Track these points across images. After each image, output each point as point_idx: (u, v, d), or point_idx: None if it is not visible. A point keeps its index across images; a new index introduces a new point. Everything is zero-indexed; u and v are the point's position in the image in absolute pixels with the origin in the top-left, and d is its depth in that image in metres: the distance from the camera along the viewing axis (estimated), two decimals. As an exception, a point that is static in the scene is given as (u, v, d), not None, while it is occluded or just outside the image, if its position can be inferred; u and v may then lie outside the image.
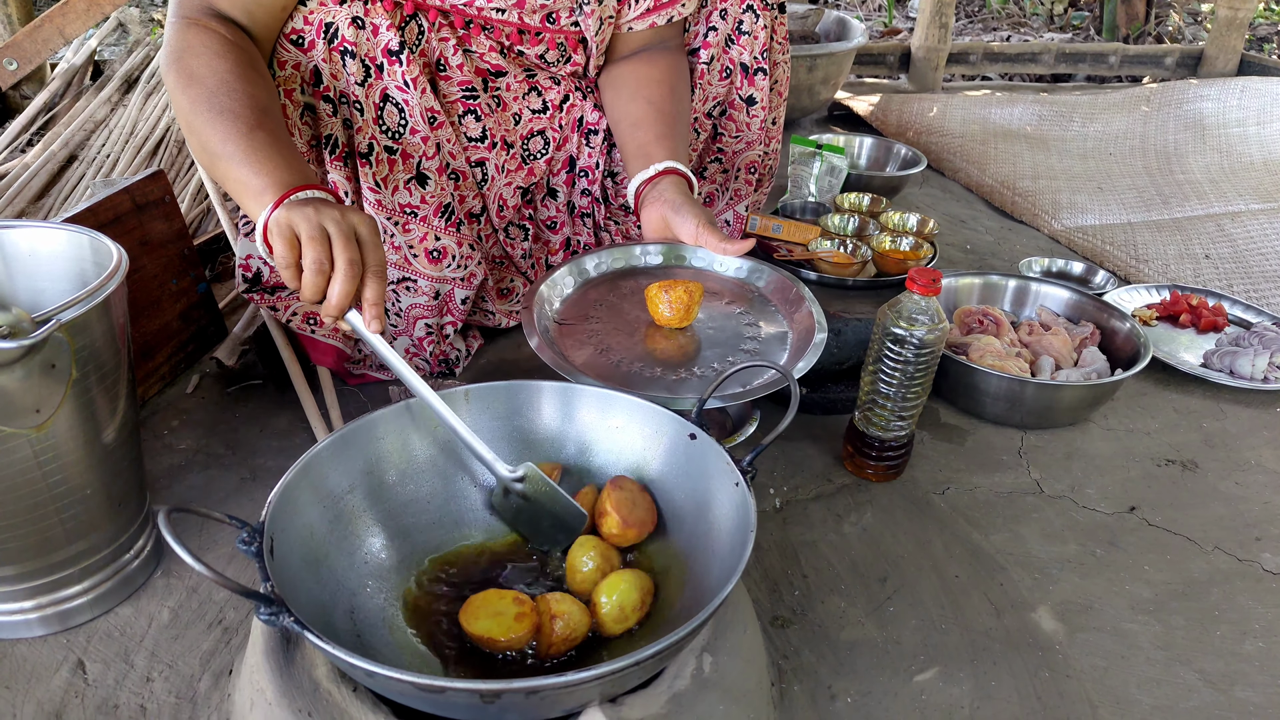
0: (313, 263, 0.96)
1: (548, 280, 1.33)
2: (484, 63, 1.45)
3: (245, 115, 1.10)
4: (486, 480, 1.04)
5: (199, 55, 1.14)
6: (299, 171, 1.08)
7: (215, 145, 1.09)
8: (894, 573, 1.19)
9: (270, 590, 0.76)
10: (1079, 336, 1.60)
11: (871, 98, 3.25)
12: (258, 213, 1.04)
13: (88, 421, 0.96)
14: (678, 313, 1.26)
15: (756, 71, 1.62)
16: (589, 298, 1.35)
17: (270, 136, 1.10)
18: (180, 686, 1.00)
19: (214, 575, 0.70)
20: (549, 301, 1.31)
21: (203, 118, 1.10)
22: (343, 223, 0.98)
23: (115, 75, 2.32)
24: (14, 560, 0.98)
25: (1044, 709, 1.01)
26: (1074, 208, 2.40)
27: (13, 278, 1.07)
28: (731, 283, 1.39)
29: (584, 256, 1.40)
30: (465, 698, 0.72)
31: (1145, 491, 1.37)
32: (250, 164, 1.06)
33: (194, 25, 1.17)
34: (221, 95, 1.11)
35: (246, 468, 1.33)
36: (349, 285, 0.96)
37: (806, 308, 1.29)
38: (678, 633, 0.75)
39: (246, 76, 1.15)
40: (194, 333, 1.52)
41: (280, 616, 0.74)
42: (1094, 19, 5.01)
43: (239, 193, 1.08)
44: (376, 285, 0.98)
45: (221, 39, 1.17)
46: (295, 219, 0.98)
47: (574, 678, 0.71)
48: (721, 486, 0.95)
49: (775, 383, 1.15)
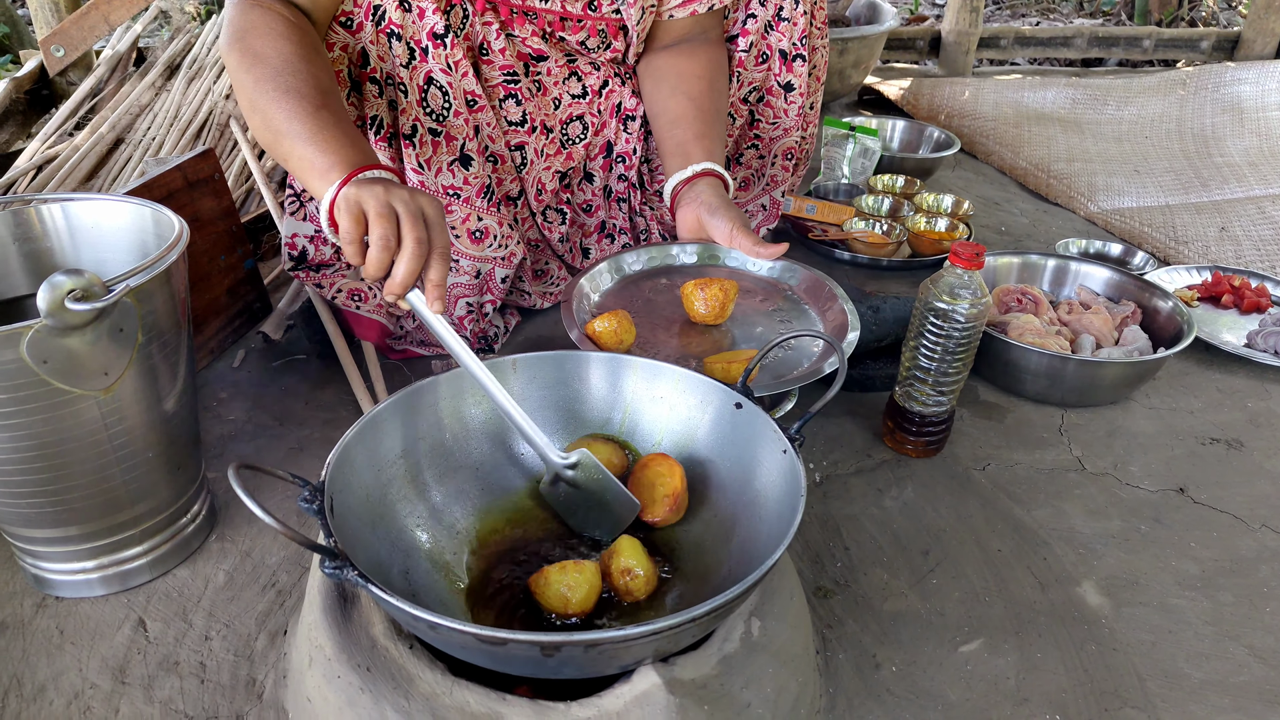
0: (379, 239, 0.96)
1: (587, 274, 1.35)
2: (526, 47, 1.46)
3: (310, 95, 1.11)
4: (534, 450, 1.06)
5: (263, 35, 1.15)
6: (365, 152, 1.09)
7: (280, 123, 1.09)
8: (936, 546, 1.20)
9: (334, 545, 0.78)
10: (1119, 315, 1.60)
11: (901, 82, 3.25)
12: (323, 190, 1.05)
13: (150, 387, 0.98)
14: (713, 310, 1.28)
15: (795, 58, 1.63)
16: (626, 293, 1.37)
17: (335, 116, 1.11)
18: (237, 645, 1.02)
19: (282, 527, 0.72)
20: (588, 295, 1.34)
21: (267, 96, 1.11)
22: (411, 203, 0.99)
23: (158, 61, 2.35)
24: (79, 520, 1.01)
25: (1091, 681, 1.02)
26: (1110, 190, 2.39)
27: (77, 248, 1.10)
28: (765, 282, 1.42)
29: (622, 254, 1.42)
30: (525, 650, 0.74)
31: (1190, 469, 1.36)
32: (316, 142, 1.07)
33: (257, 6, 1.19)
34: (286, 75, 1.12)
35: (294, 438, 1.36)
36: (414, 264, 0.96)
37: (839, 306, 1.31)
38: (732, 591, 0.76)
39: (309, 58, 1.16)
40: (241, 308, 1.55)
41: (344, 570, 0.76)
42: (1125, 4, 4.96)
43: (303, 170, 1.08)
44: (440, 266, 0.98)
45: (285, 20, 1.18)
46: (364, 196, 0.99)
47: (632, 631, 0.72)
48: (768, 454, 0.96)
49: (813, 373, 1.18)
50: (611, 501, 0.99)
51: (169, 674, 0.99)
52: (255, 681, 0.98)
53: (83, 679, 0.98)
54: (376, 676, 0.83)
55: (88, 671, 0.99)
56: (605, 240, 1.73)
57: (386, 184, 1.01)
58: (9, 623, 1.05)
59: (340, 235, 1.00)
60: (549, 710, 0.80)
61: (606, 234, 1.73)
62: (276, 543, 1.16)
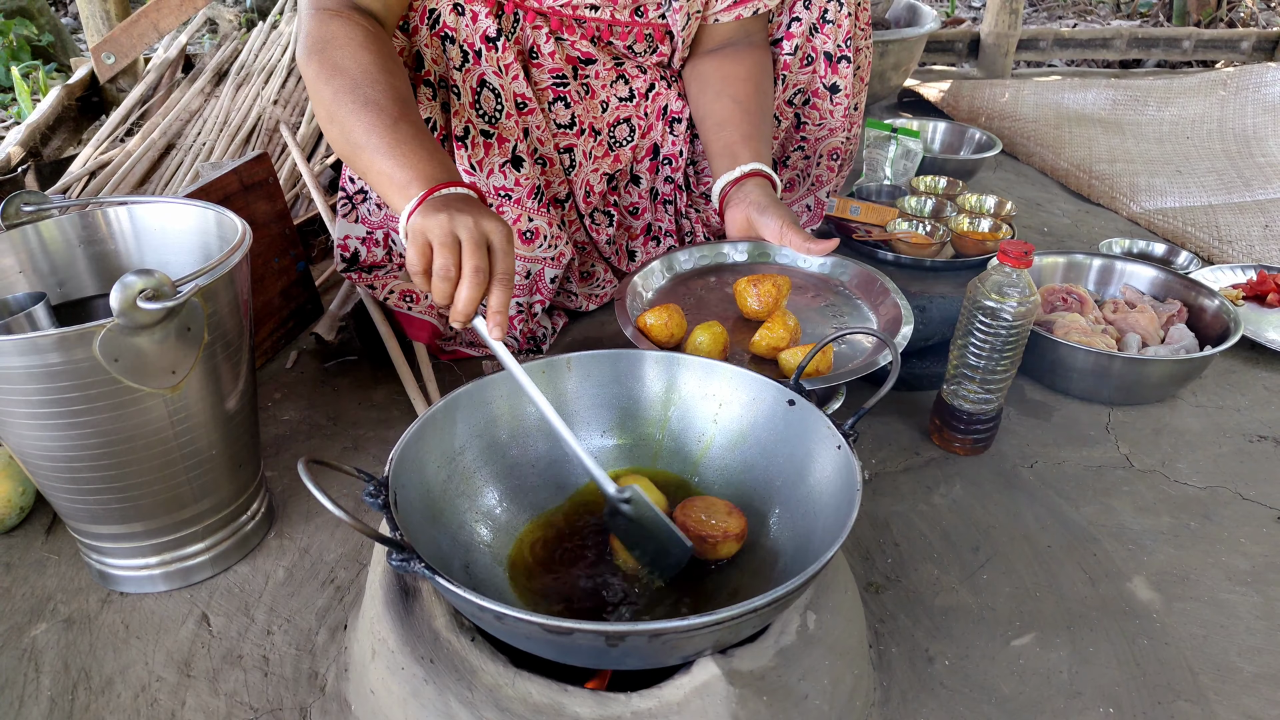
0: (440, 269, 0.96)
1: (641, 272, 1.37)
2: (575, 50, 1.48)
3: (389, 107, 1.10)
4: (589, 447, 1.07)
5: (343, 46, 1.15)
6: (442, 165, 1.08)
7: (359, 136, 1.09)
8: (985, 542, 1.20)
9: (400, 538, 0.80)
10: (1165, 314, 1.60)
11: (941, 84, 3.24)
12: (401, 206, 1.05)
13: (214, 386, 1.01)
14: (766, 305, 1.29)
15: (840, 59, 1.63)
16: (678, 291, 1.38)
17: (413, 129, 1.10)
18: (299, 639, 1.05)
19: (354, 521, 0.74)
20: (641, 293, 1.35)
21: (346, 108, 1.11)
22: (475, 230, 0.98)
23: (207, 67, 2.40)
24: (145, 516, 1.04)
25: (1143, 675, 1.02)
26: (1152, 190, 2.37)
27: (142, 250, 1.13)
28: (815, 278, 1.43)
29: (675, 252, 1.44)
30: (590, 639, 0.75)
31: (1238, 467, 1.36)
32: (395, 157, 1.07)
33: (336, 16, 1.18)
34: (366, 86, 1.12)
35: (348, 437, 1.38)
36: (473, 292, 0.95)
37: (892, 300, 1.31)
38: (792, 583, 0.77)
39: (388, 68, 1.16)
40: (293, 310, 1.57)
41: (411, 562, 0.78)
42: (1163, 5, 4.92)
43: (383, 185, 1.08)
44: (501, 293, 0.97)
45: (364, 30, 1.18)
46: (429, 225, 0.98)
47: (695, 621, 0.73)
48: (822, 450, 0.97)
49: (864, 368, 1.18)
50: (665, 541, 0.95)
51: (233, 667, 1.01)
52: (317, 675, 1.00)
53: (149, 672, 1.00)
54: (440, 668, 0.85)
55: (154, 665, 1.01)
56: (651, 243, 1.75)
57: (456, 207, 1.00)
58: (76, 618, 1.07)
59: (407, 265, 1.00)
60: (610, 701, 0.81)
61: (652, 236, 1.75)
62: (334, 539, 1.19)
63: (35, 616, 1.08)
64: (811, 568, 0.78)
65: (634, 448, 1.10)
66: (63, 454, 0.96)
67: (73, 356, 0.88)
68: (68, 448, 0.95)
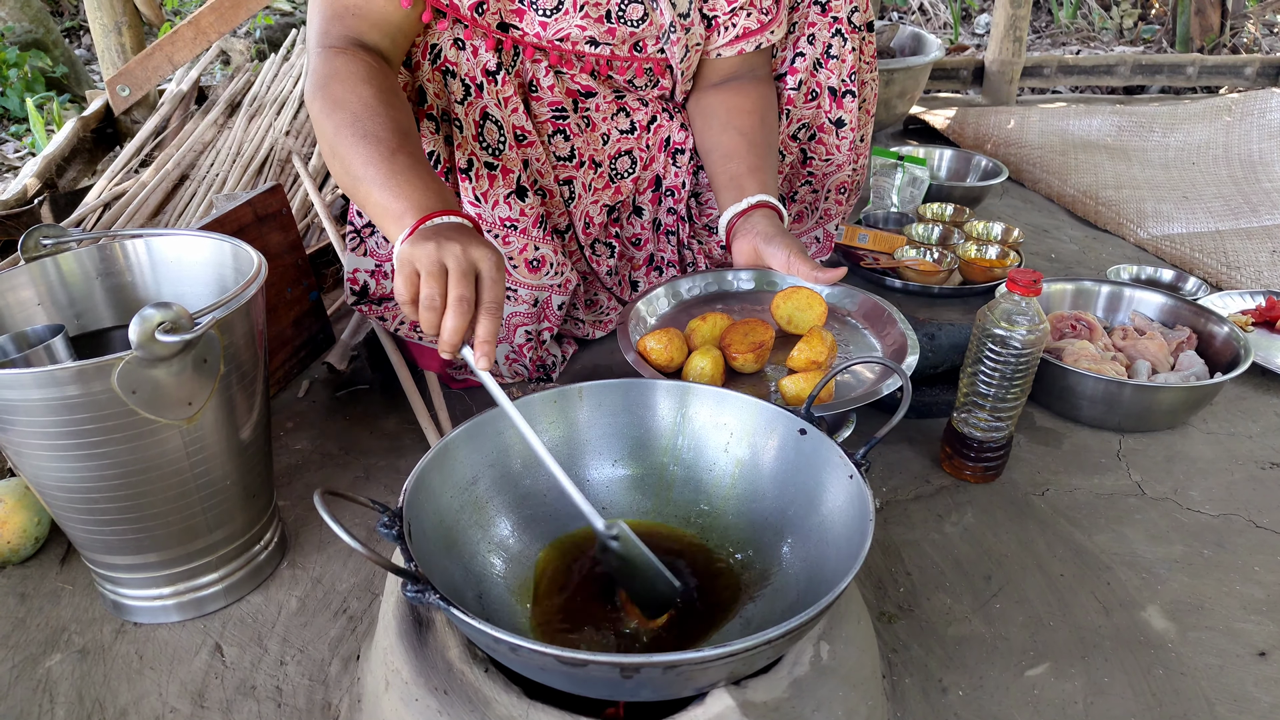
0: (425, 299, 0.96)
1: (644, 298, 1.37)
2: (575, 84, 1.49)
3: (387, 139, 1.11)
4: (600, 476, 1.08)
5: (344, 81, 1.17)
6: (437, 195, 1.09)
7: (357, 169, 1.10)
8: (998, 571, 1.20)
9: (415, 569, 0.80)
10: (1175, 341, 1.60)
11: (946, 112, 3.26)
12: (396, 235, 1.05)
13: (229, 417, 1.02)
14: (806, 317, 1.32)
15: (845, 94, 1.65)
16: (681, 319, 1.39)
17: (410, 160, 1.11)
18: (312, 670, 1.05)
19: (369, 552, 0.74)
20: (644, 320, 1.36)
21: (346, 142, 1.12)
22: (463, 258, 0.97)
23: (220, 99, 2.42)
24: (160, 547, 1.04)
25: (1159, 705, 1.01)
26: (1159, 216, 2.38)
27: (159, 282, 1.14)
28: None
29: (679, 279, 1.44)
30: (605, 671, 0.75)
31: (1251, 494, 1.36)
32: (390, 188, 1.08)
33: (341, 53, 1.20)
34: (365, 119, 1.13)
35: (360, 466, 1.39)
36: (458, 322, 0.95)
37: (898, 329, 1.32)
38: (807, 613, 0.77)
39: (389, 101, 1.17)
40: (305, 339, 1.59)
41: (426, 593, 0.78)
42: (1166, 32, 4.94)
43: (380, 217, 1.09)
44: (488, 323, 0.96)
45: (366, 65, 1.20)
46: (416, 254, 0.98)
47: (709, 653, 0.73)
48: (834, 480, 0.97)
49: (870, 394, 1.18)
50: (653, 580, 0.93)
51: (246, 698, 1.01)
52: (330, 705, 1.00)
53: (163, 703, 1.01)
54: (454, 699, 0.85)
55: (167, 696, 1.01)
56: (654, 273, 1.76)
57: (445, 236, 1.00)
58: (90, 648, 1.08)
59: (395, 294, 1.00)
60: (625, 732, 0.81)
61: (655, 267, 1.76)
62: (347, 569, 1.19)
63: (50, 647, 1.08)
64: (825, 599, 0.78)
65: (645, 477, 1.10)
66: (79, 485, 0.96)
67: (91, 389, 0.89)
68: (84, 479, 0.96)
